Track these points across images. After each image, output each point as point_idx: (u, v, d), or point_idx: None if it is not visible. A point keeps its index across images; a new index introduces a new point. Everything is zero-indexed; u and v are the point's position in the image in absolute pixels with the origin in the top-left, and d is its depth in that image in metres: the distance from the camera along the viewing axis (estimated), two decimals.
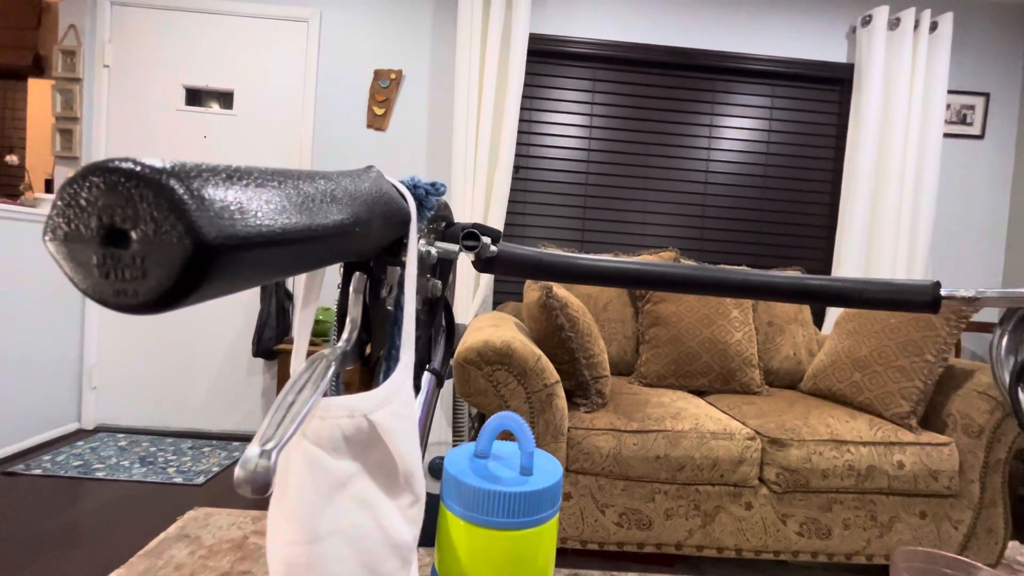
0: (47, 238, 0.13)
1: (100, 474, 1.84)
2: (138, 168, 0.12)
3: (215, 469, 1.95)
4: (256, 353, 2.24)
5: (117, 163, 0.12)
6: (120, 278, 0.12)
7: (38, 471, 1.82)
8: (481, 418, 1.99)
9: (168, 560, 0.59)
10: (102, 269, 0.12)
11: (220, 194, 0.13)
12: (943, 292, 0.48)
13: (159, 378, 2.38)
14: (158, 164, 0.12)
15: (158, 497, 1.71)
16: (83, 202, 0.12)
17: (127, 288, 0.12)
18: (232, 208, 0.13)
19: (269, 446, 0.18)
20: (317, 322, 2.14)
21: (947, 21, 2.28)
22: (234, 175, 0.14)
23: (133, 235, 0.12)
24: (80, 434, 2.25)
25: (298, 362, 0.27)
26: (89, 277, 0.12)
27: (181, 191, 0.12)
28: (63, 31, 2.28)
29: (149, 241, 0.12)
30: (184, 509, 1.60)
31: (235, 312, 2.38)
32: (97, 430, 2.31)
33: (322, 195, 0.18)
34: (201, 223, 0.12)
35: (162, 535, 0.64)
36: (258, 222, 0.14)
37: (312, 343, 2.11)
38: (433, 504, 0.39)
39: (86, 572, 1.29)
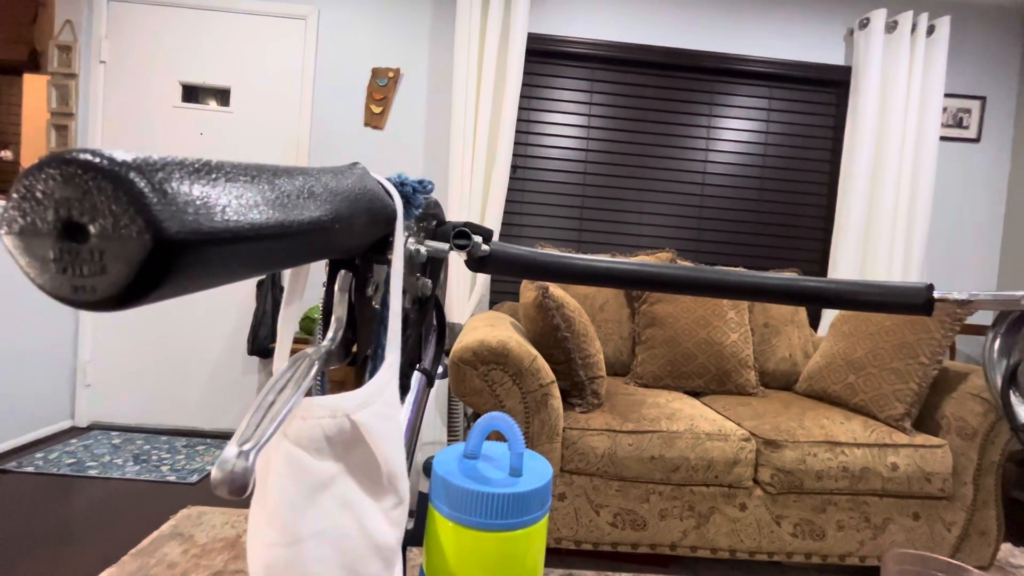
0: (2, 231, 0.12)
1: (93, 472, 1.83)
2: (96, 160, 0.11)
3: (209, 468, 1.94)
4: (251, 351, 2.23)
5: (75, 154, 0.11)
6: (78, 273, 0.12)
7: (30, 468, 1.81)
8: (476, 418, 1.99)
9: (161, 558, 0.58)
10: (59, 264, 0.12)
11: (185, 188, 0.12)
12: (936, 294, 0.48)
13: (153, 376, 2.37)
14: (119, 156, 0.12)
15: (151, 495, 1.70)
16: (39, 194, 0.12)
17: (85, 284, 0.12)
18: (197, 203, 0.13)
19: (247, 446, 0.18)
20: (311, 321, 2.13)
21: (944, 25, 2.29)
22: (202, 169, 0.13)
23: (91, 229, 0.11)
24: (73, 431, 2.23)
25: (281, 361, 0.27)
26: (46, 272, 0.12)
27: (141, 184, 0.11)
28: (59, 26, 2.26)
29: (108, 236, 0.11)
30: (177, 508, 1.60)
31: (230, 310, 2.37)
32: (91, 427, 2.30)
33: (299, 191, 0.18)
34: (162, 217, 0.11)
35: (155, 533, 0.64)
36: (226, 217, 0.13)
37: (306, 342, 2.10)
38: (425, 503, 0.38)
39: (78, 570, 1.28)
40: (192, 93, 2.35)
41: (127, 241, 0.11)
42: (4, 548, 1.35)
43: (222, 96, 2.35)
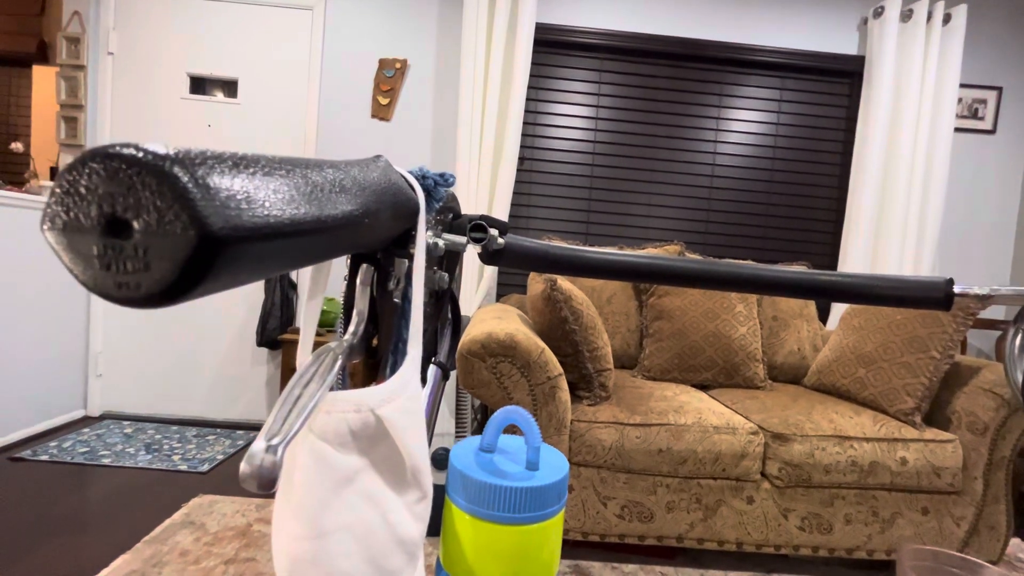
0: (45, 227, 0.12)
1: (106, 460, 1.85)
2: (140, 154, 0.11)
3: (219, 457, 1.96)
4: (260, 343, 2.24)
5: (118, 149, 0.11)
6: (122, 270, 0.12)
7: (44, 457, 1.84)
8: (484, 410, 2.00)
9: (173, 546, 0.59)
10: (103, 260, 0.12)
11: (226, 182, 0.12)
12: (956, 289, 0.47)
13: (164, 366, 2.39)
14: (161, 150, 0.11)
15: (163, 484, 1.72)
16: (83, 190, 0.11)
17: (129, 281, 0.12)
18: (239, 197, 0.13)
19: (275, 441, 0.18)
20: (323, 312, 2.14)
21: (960, 13, 2.25)
22: (241, 162, 0.13)
23: (135, 225, 0.11)
24: (86, 421, 2.27)
25: (304, 355, 0.27)
26: (89, 269, 0.12)
27: (185, 179, 0.11)
28: (67, 18, 2.26)
29: (152, 232, 0.11)
30: (189, 496, 1.62)
31: (239, 302, 2.38)
32: (103, 417, 2.33)
33: (331, 185, 0.18)
34: (206, 213, 0.11)
35: (167, 521, 0.65)
36: (266, 212, 0.13)
37: (317, 333, 2.11)
38: (438, 495, 0.38)
39: (92, 558, 1.30)
40: (199, 84, 2.35)
41: (171, 237, 0.11)
42: (20, 535, 1.38)
43: (229, 87, 2.35)
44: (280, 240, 0.14)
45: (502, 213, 2.19)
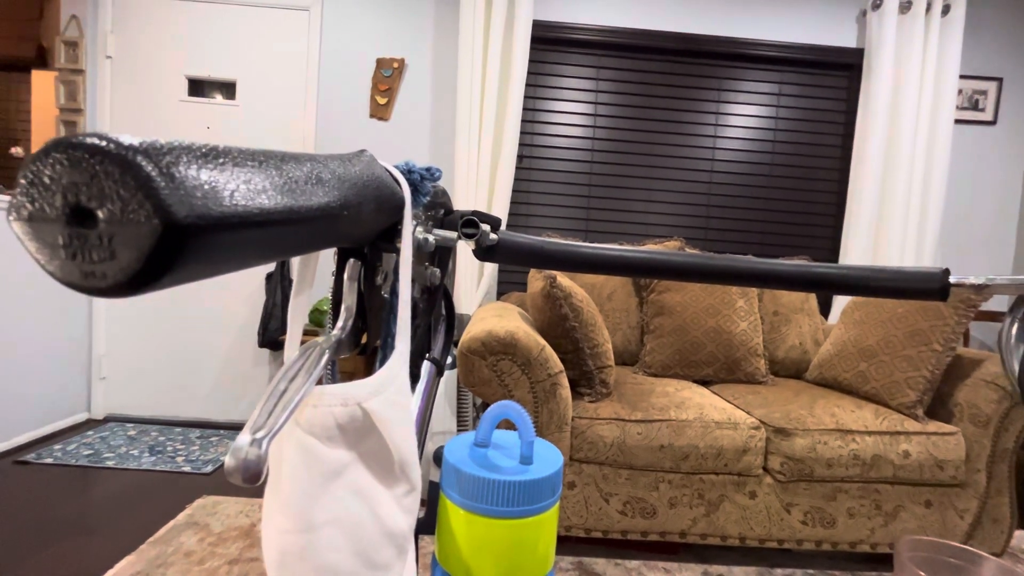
0: (11, 218, 0.12)
1: (110, 463, 1.86)
2: (103, 143, 0.11)
3: (223, 458, 1.97)
4: (262, 344, 2.25)
5: (81, 138, 0.11)
6: (88, 259, 0.12)
7: (49, 460, 1.85)
8: (485, 408, 1.99)
9: (178, 547, 0.59)
10: (68, 250, 0.12)
11: (193, 173, 0.12)
12: (952, 279, 0.47)
13: (167, 368, 2.40)
14: (125, 140, 0.11)
15: (167, 485, 1.73)
16: (47, 180, 0.11)
17: (95, 270, 0.12)
18: (206, 187, 0.13)
19: (260, 434, 0.18)
20: (321, 313, 2.14)
21: (960, 4, 2.23)
22: (210, 153, 0.13)
23: (100, 214, 0.11)
24: (90, 424, 2.28)
25: (292, 350, 0.27)
26: (56, 258, 0.12)
27: (149, 168, 0.11)
28: (65, 22, 2.27)
29: (116, 221, 0.11)
30: (193, 497, 1.63)
31: (241, 303, 2.39)
32: (107, 420, 2.34)
33: (307, 177, 0.18)
34: (170, 202, 0.11)
35: (171, 523, 0.65)
36: (234, 202, 0.13)
37: (316, 334, 2.12)
38: (434, 492, 0.39)
39: (97, 559, 1.31)
40: (198, 87, 2.36)
41: (136, 226, 0.11)
42: (25, 537, 1.38)
43: (228, 89, 2.36)
44: (250, 230, 0.14)
45: (501, 211, 2.19)
